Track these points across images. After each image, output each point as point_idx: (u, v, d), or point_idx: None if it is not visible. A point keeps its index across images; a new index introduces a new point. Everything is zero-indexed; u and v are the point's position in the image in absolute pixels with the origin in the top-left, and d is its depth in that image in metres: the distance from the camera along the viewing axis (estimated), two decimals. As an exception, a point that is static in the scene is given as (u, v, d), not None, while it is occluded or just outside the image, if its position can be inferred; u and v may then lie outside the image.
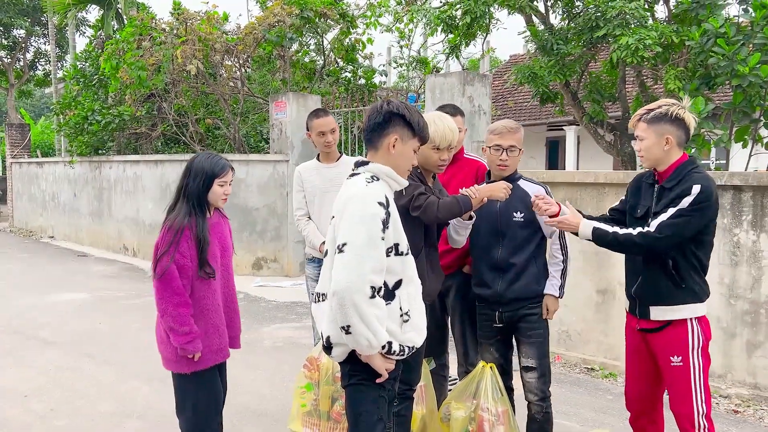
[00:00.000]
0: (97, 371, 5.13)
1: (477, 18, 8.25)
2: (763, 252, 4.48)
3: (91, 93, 12.61)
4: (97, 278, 9.37)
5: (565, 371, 5.19)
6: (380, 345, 2.32)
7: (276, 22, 9.61)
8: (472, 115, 7.26)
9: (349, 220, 2.32)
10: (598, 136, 9.61)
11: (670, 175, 2.82)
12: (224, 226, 3.15)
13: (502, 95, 17.29)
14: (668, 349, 2.84)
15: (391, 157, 2.47)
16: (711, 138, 5.94)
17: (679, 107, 2.80)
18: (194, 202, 2.94)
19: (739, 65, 5.22)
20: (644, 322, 2.92)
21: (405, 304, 2.45)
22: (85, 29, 22.56)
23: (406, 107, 2.48)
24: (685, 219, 2.70)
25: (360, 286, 2.24)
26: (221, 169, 2.99)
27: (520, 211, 3.14)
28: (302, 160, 8.46)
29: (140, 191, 11.29)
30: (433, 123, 3.03)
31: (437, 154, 3.04)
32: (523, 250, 3.14)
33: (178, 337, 2.88)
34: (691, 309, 2.82)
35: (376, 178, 2.44)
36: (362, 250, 2.27)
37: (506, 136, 3.13)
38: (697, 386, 2.80)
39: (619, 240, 2.83)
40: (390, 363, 2.40)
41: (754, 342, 4.53)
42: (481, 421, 3.11)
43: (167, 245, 2.86)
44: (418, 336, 2.50)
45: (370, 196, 2.35)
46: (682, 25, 7.35)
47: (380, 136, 2.47)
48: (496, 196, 3.00)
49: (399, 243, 2.42)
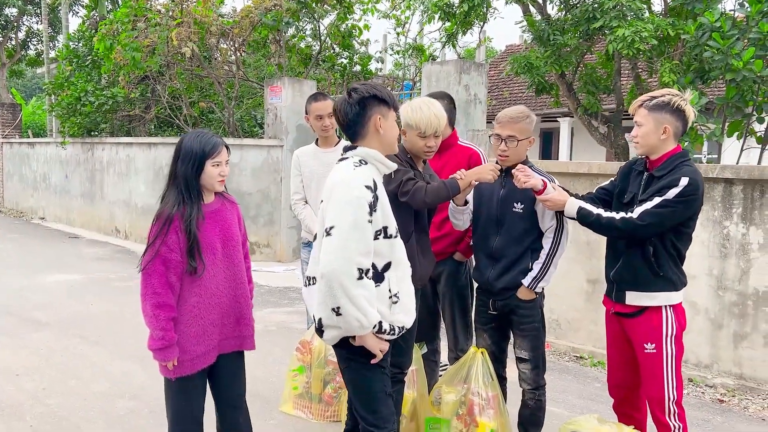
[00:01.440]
0: (90, 352, 5.15)
1: (475, 6, 8.25)
2: (752, 245, 4.54)
3: (84, 74, 12.51)
4: (88, 260, 9.35)
5: (554, 359, 5.25)
6: (371, 325, 2.36)
7: (272, 5, 9.56)
8: (467, 104, 7.27)
9: (336, 204, 2.35)
10: (592, 128, 9.65)
11: (660, 165, 2.85)
12: (228, 213, 2.82)
13: (497, 85, 17.30)
14: (642, 336, 2.90)
15: (380, 136, 2.51)
16: (704, 132, 5.98)
17: (682, 98, 2.82)
18: (183, 188, 2.65)
19: (734, 60, 5.25)
20: (619, 306, 2.98)
21: (394, 286, 2.49)
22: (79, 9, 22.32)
23: (372, 86, 2.52)
24: (670, 210, 2.74)
25: (347, 269, 2.27)
26: (213, 148, 2.66)
27: (521, 202, 3.09)
28: (297, 145, 8.45)
29: (133, 174, 11.25)
30: (418, 109, 3.01)
31: (423, 140, 3.02)
32: (519, 241, 3.11)
33: (151, 341, 2.63)
34: (666, 297, 2.87)
35: (363, 162, 2.47)
36: (349, 232, 2.30)
37: (506, 126, 3.06)
38: (669, 373, 2.86)
39: (602, 222, 2.86)
40: (383, 343, 2.44)
41: (740, 333, 4.60)
42: (471, 405, 3.16)
43: (153, 237, 2.62)
44: (408, 317, 2.54)
45: (357, 179, 2.38)
46: (678, 19, 7.37)
47: (363, 124, 2.50)
48: (484, 178, 2.97)
49: (387, 226, 2.45)
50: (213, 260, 2.72)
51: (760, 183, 4.50)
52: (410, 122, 3.02)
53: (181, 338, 2.67)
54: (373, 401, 2.50)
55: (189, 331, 2.68)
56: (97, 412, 4.02)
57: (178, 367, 2.68)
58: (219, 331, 2.78)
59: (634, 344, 2.96)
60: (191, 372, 2.71)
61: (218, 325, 2.77)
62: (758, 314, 4.52)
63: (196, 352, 2.70)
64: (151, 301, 2.62)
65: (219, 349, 2.80)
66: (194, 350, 2.69)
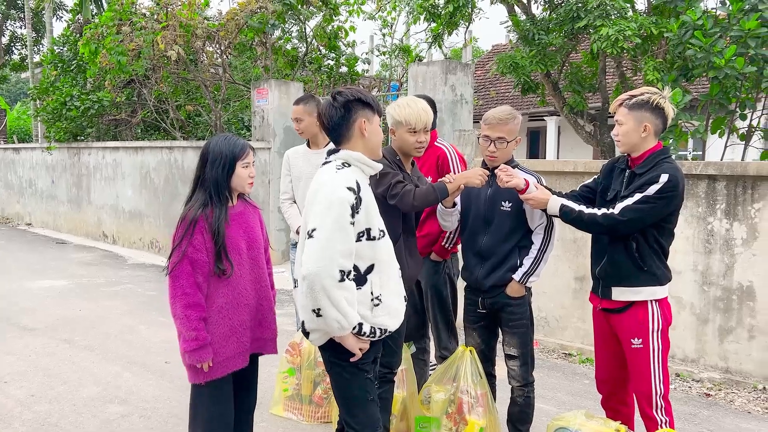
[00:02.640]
0: (78, 357, 5.12)
1: (460, 7, 8.28)
2: (736, 240, 4.59)
3: (69, 78, 12.43)
4: (76, 265, 9.29)
5: (543, 356, 5.28)
6: (351, 326, 2.37)
7: (258, 8, 9.54)
8: (454, 104, 7.30)
9: (318, 206, 2.36)
10: (578, 127, 9.71)
11: (641, 162, 2.89)
12: (251, 216, 2.87)
13: (484, 85, 17.36)
14: (629, 331, 2.94)
15: (365, 140, 2.52)
16: (688, 129, 6.05)
17: (661, 96, 2.87)
18: (212, 190, 2.69)
19: (716, 57, 5.31)
20: (606, 302, 3.02)
21: (376, 289, 2.49)
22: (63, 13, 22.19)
23: (356, 90, 2.53)
24: (650, 206, 2.78)
25: (329, 270, 2.28)
26: (242, 149, 2.74)
27: (508, 201, 3.13)
28: (284, 147, 8.45)
29: (120, 178, 11.20)
30: (407, 106, 3.06)
31: (414, 136, 3.06)
32: (507, 239, 3.15)
33: (184, 342, 2.63)
34: (650, 291, 2.91)
35: (346, 164, 2.48)
36: (330, 233, 2.31)
37: (495, 128, 3.09)
38: (655, 367, 2.90)
39: (583, 219, 2.91)
40: (363, 343, 2.44)
41: (726, 327, 4.65)
42: (461, 403, 3.18)
43: (179, 239, 2.64)
44: (392, 319, 2.54)
45: (339, 181, 2.39)
46: (661, 17, 7.44)
47: (348, 127, 2.50)
48: (472, 182, 3.01)
49: (371, 228, 2.45)
50: (239, 261, 2.75)
51: (743, 179, 4.55)
52: (399, 119, 3.05)
53: (211, 340, 2.67)
54: (354, 405, 2.52)
55: (217, 332, 2.68)
56: (87, 417, 4.01)
57: (209, 370, 2.68)
58: (250, 333, 2.80)
59: (621, 340, 3.00)
60: (223, 374, 2.72)
61: (248, 327, 2.79)
62: (742, 309, 4.57)
63: (227, 353, 2.71)
64: (182, 302, 2.62)
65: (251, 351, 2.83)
66: (224, 352, 2.70)
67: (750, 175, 4.51)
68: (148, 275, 8.55)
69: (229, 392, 2.79)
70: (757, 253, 4.51)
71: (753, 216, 4.52)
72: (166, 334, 5.56)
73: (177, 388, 4.43)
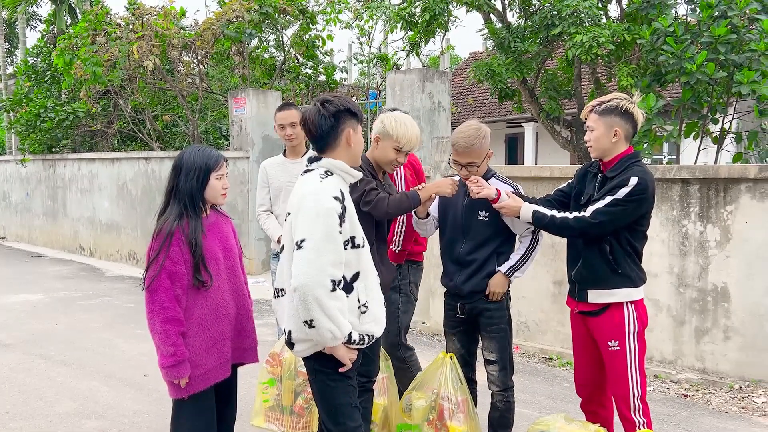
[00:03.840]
0: (55, 372, 5.03)
1: (436, 15, 8.32)
2: (710, 242, 4.66)
3: (43, 89, 12.29)
4: (52, 279, 9.15)
5: (523, 361, 5.30)
6: (344, 336, 2.36)
7: (234, 17, 9.53)
8: (432, 112, 7.33)
9: (306, 216, 2.34)
10: (555, 132, 9.81)
11: (612, 167, 2.95)
12: (224, 226, 2.87)
13: (461, 92, 17.46)
14: (606, 333, 2.97)
15: (350, 149, 2.52)
16: (662, 133, 6.14)
17: (630, 102, 2.92)
18: (187, 202, 2.67)
19: (687, 63, 5.40)
20: (582, 305, 3.05)
21: (363, 296, 2.49)
22: (37, 24, 21.94)
23: (345, 99, 2.52)
24: (620, 209, 2.83)
25: (321, 280, 2.27)
26: (216, 161, 2.73)
27: (485, 210, 3.15)
28: (263, 156, 8.43)
29: (96, 190, 11.07)
30: (403, 125, 3.07)
31: (396, 155, 3.08)
32: (484, 247, 3.17)
33: (162, 358, 2.58)
34: (626, 293, 2.95)
35: (329, 173, 2.47)
36: (320, 244, 2.30)
37: (464, 155, 3.08)
38: (632, 369, 2.93)
39: (556, 223, 2.95)
40: (353, 353, 2.45)
41: (702, 329, 4.72)
42: (442, 410, 3.17)
43: (156, 252, 2.60)
44: (377, 326, 2.56)
45: (325, 191, 2.37)
46: (633, 24, 7.55)
47: (336, 136, 2.49)
48: (443, 192, 3.05)
49: (355, 236, 2.46)
50: (217, 272, 2.73)
51: (716, 182, 4.63)
52: (391, 133, 3.06)
53: (189, 353, 2.63)
54: (338, 414, 2.50)
55: (196, 344, 2.65)
56: (63, 433, 3.94)
57: (190, 384, 2.64)
58: (231, 344, 2.78)
59: (598, 342, 3.03)
60: (206, 387, 2.69)
61: (229, 337, 2.76)
62: (718, 310, 4.64)
63: (208, 365, 2.68)
64: (160, 317, 2.57)
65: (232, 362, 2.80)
66: (206, 364, 2.67)
67: (722, 178, 4.59)
68: (126, 288, 8.45)
69: (211, 404, 2.76)
70: (730, 254, 4.58)
71: (726, 218, 4.59)
72: (145, 347, 5.49)
73: (156, 402, 4.37)
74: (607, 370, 3.03)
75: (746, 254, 4.53)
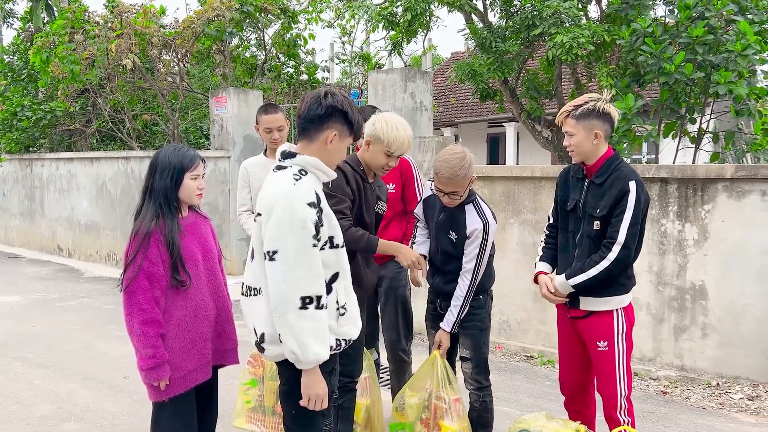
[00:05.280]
0: (32, 374, 4.96)
1: (417, 15, 8.33)
2: (688, 241, 4.72)
3: (20, 88, 12.11)
4: (30, 280, 9.02)
5: (505, 359, 5.33)
6: (308, 362, 2.20)
7: (215, 16, 9.45)
8: (414, 111, 7.33)
9: (278, 226, 2.21)
10: (536, 132, 9.87)
11: (597, 171, 2.95)
12: (203, 226, 2.83)
13: (443, 92, 17.51)
14: (595, 334, 2.99)
15: (326, 151, 2.38)
16: (641, 133, 6.20)
17: (604, 101, 2.92)
18: (162, 201, 2.63)
19: (666, 63, 5.47)
20: (573, 311, 3.06)
21: (342, 297, 2.40)
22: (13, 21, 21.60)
23: (349, 103, 2.39)
24: (638, 218, 2.84)
25: (289, 297, 2.18)
26: (191, 161, 2.68)
27: (454, 232, 3.16)
28: (244, 156, 8.37)
29: (75, 190, 10.92)
30: (395, 129, 3.03)
31: (387, 159, 3.07)
32: (455, 260, 3.20)
33: (141, 360, 2.55)
34: (617, 301, 2.98)
35: (304, 171, 2.34)
36: (292, 258, 2.19)
37: (447, 185, 3.06)
38: (620, 369, 2.96)
39: (600, 278, 2.88)
40: (320, 386, 2.28)
41: (680, 326, 4.77)
42: (435, 409, 3.19)
43: (133, 253, 2.56)
44: (355, 328, 2.47)
45: (299, 197, 2.24)
46: (613, 25, 7.62)
47: (318, 130, 2.36)
48: (400, 260, 3.13)
49: (334, 236, 2.36)
50: (197, 272, 2.70)
51: (693, 182, 4.69)
52: (383, 138, 3.03)
53: (169, 354, 2.60)
54: (307, 421, 2.38)
55: (176, 346, 2.62)
56: (41, 437, 3.89)
57: (170, 386, 2.61)
58: (211, 345, 2.74)
59: (586, 343, 3.04)
60: (186, 389, 2.65)
61: (209, 338, 2.73)
62: (696, 307, 4.70)
63: (189, 367, 2.65)
64: (139, 318, 2.53)
65: (212, 363, 2.77)
66: (186, 365, 2.64)
67: (700, 177, 4.65)
68: (106, 289, 8.35)
69: (192, 406, 2.73)
70: (708, 253, 4.65)
71: (704, 217, 4.65)
72: (124, 349, 5.43)
73: (136, 404, 4.33)
74: (595, 369, 3.05)
75: (723, 253, 4.60)
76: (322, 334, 2.22)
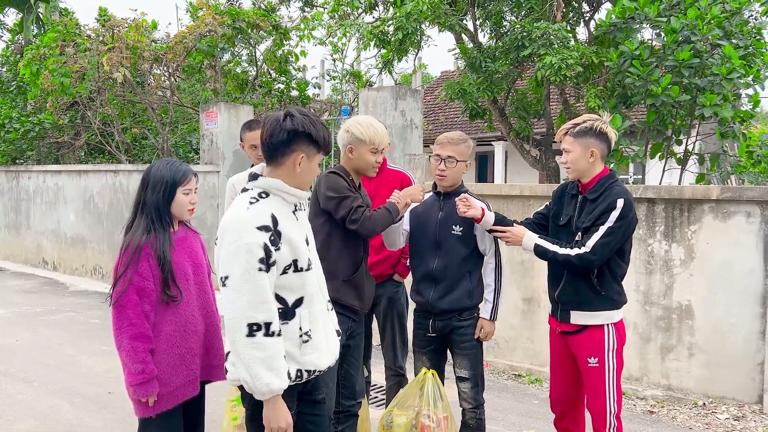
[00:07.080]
0: (15, 389, 4.89)
1: (409, 34, 8.41)
2: (674, 261, 4.76)
3: (8, 100, 12.05)
4: (13, 293, 8.91)
5: (493, 378, 5.33)
6: (260, 392, 2.14)
7: (207, 31, 9.48)
8: (404, 129, 7.38)
9: (227, 252, 2.18)
10: (525, 151, 9.95)
11: (592, 188, 3.00)
12: (194, 242, 2.82)
13: (433, 110, 17.63)
14: (586, 350, 3.00)
15: (296, 175, 2.30)
16: (628, 153, 6.28)
17: (602, 122, 3.00)
18: (154, 216, 2.63)
19: (653, 86, 5.55)
20: (564, 325, 3.09)
21: (306, 324, 2.29)
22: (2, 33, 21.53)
23: (311, 123, 2.28)
24: (614, 235, 2.88)
25: (237, 324, 2.14)
26: (183, 175, 2.68)
27: (459, 225, 3.20)
28: (233, 171, 8.36)
29: (62, 203, 10.85)
30: (369, 126, 3.11)
31: (375, 156, 3.12)
32: (458, 263, 3.20)
33: (130, 375, 2.53)
34: (608, 315, 3.00)
35: (264, 194, 2.27)
36: (238, 284, 2.14)
37: (446, 147, 3.19)
38: (610, 386, 2.98)
39: (558, 259, 2.98)
40: (282, 416, 2.19)
41: (667, 346, 4.80)
42: (422, 428, 3.17)
43: (124, 267, 2.55)
44: (321, 358, 2.34)
45: (249, 221, 2.18)
46: (601, 47, 7.73)
47: (284, 155, 2.27)
48: (416, 198, 3.14)
49: (297, 259, 2.27)
50: (187, 287, 2.69)
51: (680, 202, 4.75)
52: (363, 138, 3.08)
53: (158, 370, 2.58)
54: None
55: (164, 361, 2.60)
56: (23, 453, 3.83)
57: (158, 402, 2.58)
58: (200, 361, 2.72)
59: (577, 359, 3.06)
60: (174, 405, 2.63)
61: (198, 354, 2.70)
62: (682, 327, 4.73)
63: (176, 383, 2.62)
64: (128, 333, 2.52)
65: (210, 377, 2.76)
66: (174, 381, 2.62)
67: (686, 198, 4.71)
68: (91, 303, 8.27)
69: (179, 422, 2.71)
70: (694, 273, 4.69)
71: (690, 237, 4.70)
72: (110, 364, 5.37)
73: (121, 420, 4.27)
74: (585, 386, 3.06)
75: (709, 273, 4.64)
76: (274, 362, 2.14)
